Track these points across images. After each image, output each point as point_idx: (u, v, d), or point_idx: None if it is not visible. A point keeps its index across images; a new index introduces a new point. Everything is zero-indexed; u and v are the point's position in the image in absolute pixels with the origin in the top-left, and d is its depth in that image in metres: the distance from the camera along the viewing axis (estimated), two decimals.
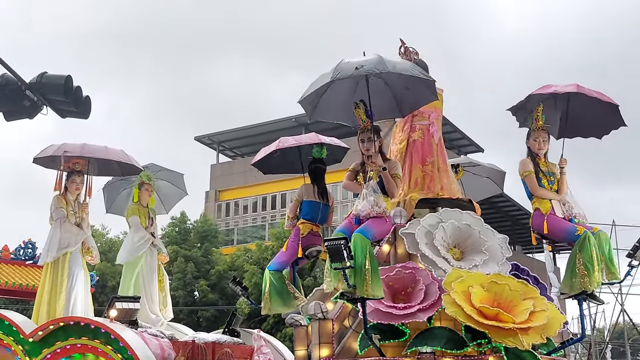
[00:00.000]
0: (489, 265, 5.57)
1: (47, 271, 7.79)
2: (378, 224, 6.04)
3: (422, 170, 6.45)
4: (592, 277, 5.82)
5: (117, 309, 6.86)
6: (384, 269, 5.81)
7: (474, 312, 4.95)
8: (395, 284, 5.64)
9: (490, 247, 5.70)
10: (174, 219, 31.71)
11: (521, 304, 5.03)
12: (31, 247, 16.33)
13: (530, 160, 6.48)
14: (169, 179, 9.50)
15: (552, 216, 6.28)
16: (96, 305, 8.81)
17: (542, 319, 4.93)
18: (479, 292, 5.08)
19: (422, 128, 6.68)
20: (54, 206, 7.90)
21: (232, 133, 42.21)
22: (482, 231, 5.81)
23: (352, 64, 5.76)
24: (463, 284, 5.14)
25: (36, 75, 7.59)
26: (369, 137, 6.26)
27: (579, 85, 6.33)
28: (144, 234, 8.69)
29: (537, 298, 5.13)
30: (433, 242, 5.67)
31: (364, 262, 5.54)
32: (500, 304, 5.05)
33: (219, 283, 29.60)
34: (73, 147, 7.92)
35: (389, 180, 6.16)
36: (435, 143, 6.66)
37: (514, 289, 5.15)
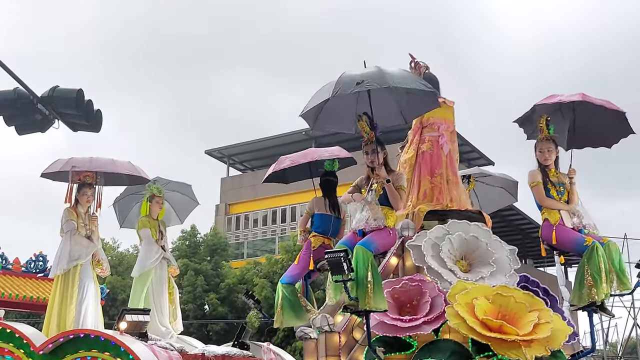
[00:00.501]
0: (497, 277, 5.54)
1: (58, 283, 7.81)
2: (381, 236, 6.01)
3: (431, 182, 6.44)
4: (599, 288, 5.76)
5: (127, 321, 6.87)
6: (390, 282, 5.82)
7: (477, 324, 4.91)
8: (402, 296, 5.64)
9: (498, 259, 5.67)
10: (184, 232, 31.77)
11: (526, 316, 4.99)
12: (42, 259, 16.42)
13: (539, 171, 6.46)
14: (179, 190, 9.54)
15: (561, 227, 6.24)
16: (107, 319, 8.85)
17: (546, 331, 4.88)
18: (483, 304, 5.05)
19: (431, 140, 6.67)
20: (64, 219, 7.93)
21: (242, 147, 42.34)
22: (489, 243, 5.78)
23: (353, 79, 5.75)
24: (467, 296, 5.12)
25: (48, 89, 7.68)
26: (372, 149, 6.25)
27: (585, 94, 6.29)
28: (155, 248, 8.72)
29: (542, 310, 5.08)
30: (439, 254, 5.65)
31: (366, 275, 5.52)
32: (505, 316, 5.02)
33: (229, 296, 29.59)
34: (81, 162, 7.96)
35: (393, 192, 6.12)
36: (445, 155, 6.63)
37: (519, 300, 5.11)
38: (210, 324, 29.30)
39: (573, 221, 6.24)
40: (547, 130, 6.44)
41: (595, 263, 5.84)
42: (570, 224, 6.23)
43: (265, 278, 27.57)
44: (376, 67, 5.92)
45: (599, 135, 6.75)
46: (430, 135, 6.74)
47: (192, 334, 19.63)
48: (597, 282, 5.78)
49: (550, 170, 6.45)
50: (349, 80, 5.75)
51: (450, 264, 5.64)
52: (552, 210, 6.31)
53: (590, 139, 6.79)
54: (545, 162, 6.46)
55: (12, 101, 7.47)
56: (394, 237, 6.16)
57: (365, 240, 5.91)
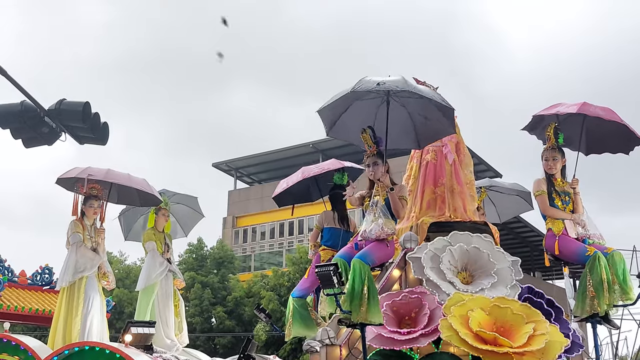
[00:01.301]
0: (498, 288, 5.48)
1: (63, 296, 7.82)
2: (379, 249, 5.99)
3: (434, 192, 6.40)
4: (601, 299, 5.70)
5: (132, 333, 6.87)
6: (390, 294, 5.80)
7: (470, 337, 4.85)
8: (401, 309, 5.60)
9: (500, 270, 5.61)
10: (191, 246, 31.80)
11: (523, 327, 4.93)
12: (48, 272, 16.41)
13: (544, 180, 6.42)
14: (185, 202, 9.57)
15: (564, 237, 6.19)
16: (113, 332, 8.84)
17: (541, 343, 4.79)
18: (478, 316, 5.00)
19: (435, 150, 6.63)
20: (70, 231, 7.94)
21: (250, 159, 42.42)
22: (491, 254, 5.72)
23: (374, 80, 5.79)
24: (463, 308, 5.07)
25: (55, 102, 7.70)
26: (374, 161, 6.26)
27: (585, 104, 6.27)
28: (161, 261, 8.73)
29: (538, 322, 5.00)
30: (439, 266, 5.60)
31: (362, 288, 5.51)
32: (501, 328, 4.96)
33: (236, 309, 29.54)
34: (97, 171, 8.00)
35: (396, 201, 6.12)
36: (450, 164, 6.57)
37: (516, 312, 5.05)
38: (217, 337, 29.25)
39: (577, 231, 6.18)
40: (554, 138, 6.41)
41: (597, 273, 5.78)
42: (574, 233, 6.18)
43: (272, 291, 27.53)
44: (400, 76, 5.97)
45: (614, 142, 6.71)
46: (434, 145, 6.69)
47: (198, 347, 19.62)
48: (599, 293, 5.71)
49: (556, 180, 6.41)
50: (369, 81, 5.80)
51: (450, 275, 5.58)
52: (556, 220, 6.27)
53: (606, 144, 6.77)
54: (551, 171, 6.42)
55: (19, 114, 7.50)
56: (392, 249, 6.14)
57: (362, 252, 5.89)
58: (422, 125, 6.59)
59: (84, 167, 8.12)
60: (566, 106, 6.34)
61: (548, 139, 6.44)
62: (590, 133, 6.57)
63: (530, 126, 6.70)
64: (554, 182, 6.39)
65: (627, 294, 5.84)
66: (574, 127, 6.50)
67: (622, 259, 5.98)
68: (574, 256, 6.16)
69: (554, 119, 6.47)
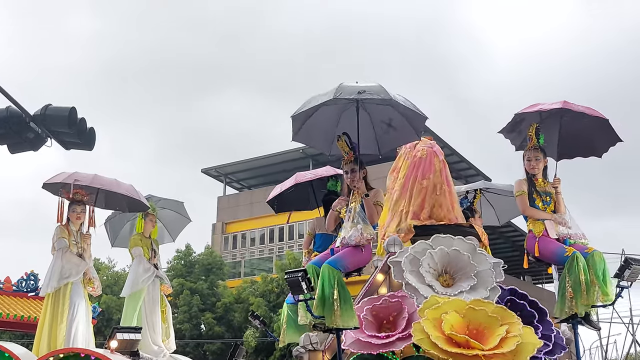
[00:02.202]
0: (478, 290, 5.46)
1: (48, 302, 7.76)
2: (352, 254, 5.98)
3: (421, 183, 6.35)
4: (579, 299, 5.66)
5: (118, 339, 6.84)
6: (371, 299, 5.80)
7: (441, 340, 4.84)
8: (381, 312, 5.60)
9: (480, 272, 5.59)
10: (179, 252, 31.71)
11: (498, 329, 4.91)
12: (33, 278, 16.35)
13: (525, 181, 6.39)
14: (171, 207, 9.54)
15: (544, 238, 6.16)
16: (101, 339, 8.79)
17: (512, 345, 4.76)
18: (452, 319, 4.98)
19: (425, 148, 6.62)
20: (56, 236, 7.89)
21: (239, 165, 42.37)
22: (472, 256, 5.69)
23: (356, 88, 5.79)
24: (437, 311, 5.06)
25: (40, 108, 7.68)
26: (352, 168, 6.24)
27: (566, 101, 6.24)
28: (147, 267, 8.69)
29: (512, 323, 4.97)
30: (419, 270, 5.60)
31: (332, 293, 5.54)
32: (474, 330, 4.94)
33: (226, 316, 29.49)
34: (84, 177, 7.91)
35: (370, 207, 6.10)
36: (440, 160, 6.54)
37: (492, 314, 5.02)
38: (207, 343, 29.16)
39: (559, 231, 6.14)
40: (536, 139, 6.39)
41: (575, 274, 5.74)
42: (554, 234, 6.14)
43: (261, 297, 27.50)
44: (378, 84, 5.97)
45: (588, 145, 6.67)
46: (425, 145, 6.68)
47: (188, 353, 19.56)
48: (577, 294, 5.67)
49: (537, 180, 6.38)
50: (350, 88, 5.81)
51: (429, 278, 5.56)
52: (537, 221, 6.25)
53: (579, 148, 6.73)
54: (533, 171, 6.39)
55: (4, 120, 7.47)
56: (367, 254, 6.11)
57: (334, 258, 5.92)
58: (383, 133, 6.61)
59: (71, 172, 8.08)
60: (548, 104, 6.29)
61: (530, 139, 6.41)
62: (565, 136, 6.52)
63: (509, 128, 6.65)
64: (535, 183, 6.36)
65: (606, 295, 5.78)
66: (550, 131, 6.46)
67: (602, 258, 5.90)
68: (553, 257, 6.13)
69: (536, 118, 6.44)
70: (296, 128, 6.48)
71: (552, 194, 6.33)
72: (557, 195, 6.32)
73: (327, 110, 6.23)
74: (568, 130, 6.47)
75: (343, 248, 6.01)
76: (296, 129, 6.49)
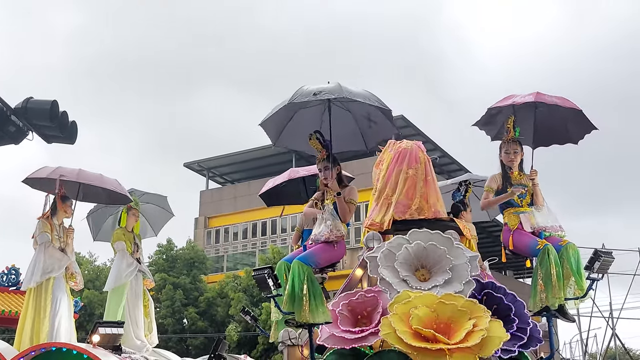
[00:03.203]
0: (453, 284, 5.44)
1: (30, 296, 7.73)
2: (324, 250, 6.04)
3: (406, 172, 6.33)
4: (550, 292, 5.63)
5: (100, 334, 6.83)
6: (348, 294, 5.82)
7: (407, 334, 4.86)
8: (357, 307, 5.62)
9: (456, 266, 5.56)
10: (161, 247, 31.57)
11: (466, 323, 4.91)
12: (15, 273, 16.21)
13: (499, 176, 6.37)
14: (154, 202, 9.53)
15: (518, 231, 6.14)
16: (83, 334, 8.78)
17: (476, 339, 4.76)
18: (421, 313, 4.99)
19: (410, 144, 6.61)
20: (38, 230, 7.86)
21: (222, 159, 42.17)
22: (449, 250, 5.67)
23: (311, 90, 5.89)
24: (406, 306, 5.08)
25: (21, 101, 7.60)
26: (325, 166, 6.29)
27: (539, 93, 6.22)
28: (130, 261, 8.68)
29: (480, 317, 4.96)
30: (394, 265, 5.62)
31: (301, 288, 5.61)
32: (442, 325, 4.96)
33: (209, 310, 29.44)
34: (69, 172, 7.93)
35: (343, 205, 6.18)
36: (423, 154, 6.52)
37: (461, 308, 5.03)
38: (190, 338, 29.11)
39: (536, 223, 6.11)
40: (513, 131, 6.36)
41: (546, 266, 5.72)
42: (529, 227, 6.12)
43: (244, 292, 27.49)
44: (336, 83, 6.05)
45: (564, 132, 6.65)
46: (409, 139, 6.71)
47: (171, 348, 19.49)
48: (547, 286, 5.65)
49: (513, 173, 6.37)
50: (306, 91, 5.90)
51: (404, 273, 5.55)
52: (512, 214, 6.23)
53: (555, 136, 6.70)
54: (511, 164, 6.37)
55: None
56: (340, 250, 6.16)
57: (305, 254, 5.98)
58: (367, 128, 6.67)
59: (54, 167, 8.04)
60: (521, 96, 6.28)
61: (507, 132, 6.38)
62: (540, 126, 6.50)
63: (484, 121, 6.63)
64: (510, 176, 6.34)
65: (581, 288, 5.76)
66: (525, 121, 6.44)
67: (576, 251, 5.87)
68: (527, 250, 6.09)
69: (510, 111, 6.41)
70: (273, 134, 6.62)
71: (529, 186, 6.29)
72: (534, 187, 6.28)
73: (307, 113, 6.32)
74: (543, 120, 6.45)
75: (315, 244, 6.09)
76: (274, 135, 6.64)
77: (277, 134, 6.67)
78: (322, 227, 6.03)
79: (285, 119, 6.50)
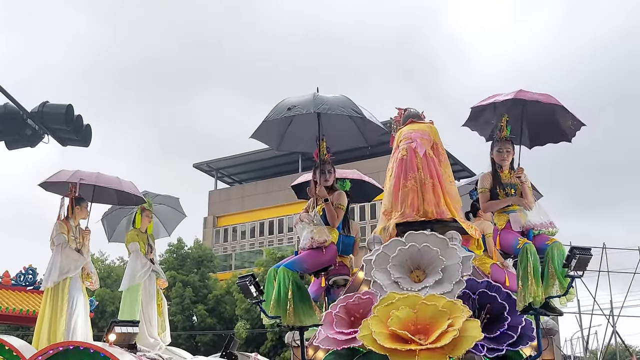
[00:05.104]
0: (443, 285, 5.43)
1: (48, 296, 7.76)
2: (312, 256, 6.22)
3: (405, 186, 6.30)
4: (527, 290, 5.50)
5: (116, 333, 6.83)
6: (346, 296, 5.86)
7: (382, 335, 4.90)
8: (353, 309, 5.66)
9: (448, 266, 5.53)
10: (171, 245, 31.65)
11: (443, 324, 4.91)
12: (32, 273, 16.27)
13: (489, 175, 6.28)
14: (167, 203, 9.55)
15: (505, 230, 6.05)
16: (96, 331, 8.80)
17: (448, 339, 4.76)
18: (401, 315, 5.02)
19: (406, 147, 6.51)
20: (55, 232, 7.89)
21: (230, 160, 42.28)
22: (442, 251, 5.62)
23: (286, 105, 6.18)
24: (387, 308, 5.11)
25: (38, 105, 7.63)
26: (328, 170, 6.55)
27: (521, 91, 6.10)
28: (144, 262, 8.71)
29: (457, 317, 4.94)
30: (387, 267, 5.61)
31: (286, 293, 5.84)
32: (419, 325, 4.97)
33: (217, 307, 29.48)
34: (88, 176, 8.03)
35: (330, 210, 6.37)
36: (420, 157, 6.40)
37: (442, 309, 5.01)
38: (199, 335, 29.14)
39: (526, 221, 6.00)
40: (506, 130, 6.26)
41: (524, 265, 5.63)
42: (518, 227, 6.01)
43: None
44: (312, 94, 6.28)
45: (557, 130, 6.51)
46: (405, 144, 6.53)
47: (180, 345, 19.51)
48: (525, 285, 5.53)
49: (504, 172, 6.26)
50: (282, 106, 6.21)
51: (397, 275, 5.56)
52: (501, 214, 6.15)
53: (549, 134, 6.60)
54: (502, 163, 6.26)
55: (2, 117, 7.41)
56: (328, 255, 6.30)
57: (292, 261, 6.21)
58: (363, 124, 6.78)
59: (72, 171, 8.09)
60: (503, 95, 6.17)
61: (500, 130, 6.28)
62: (532, 125, 6.42)
63: (472, 121, 6.54)
64: (500, 175, 6.24)
65: (561, 285, 5.64)
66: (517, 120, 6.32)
67: (562, 250, 5.71)
68: (511, 249, 5.98)
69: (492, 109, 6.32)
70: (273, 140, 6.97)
71: (517, 185, 6.17)
72: (522, 186, 6.15)
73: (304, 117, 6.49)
74: (533, 118, 6.36)
75: (303, 251, 6.29)
76: (275, 141, 6.98)
77: (278, 140, 6.98)
78: (305, 234, 6.25)
79: (285, 125, 6.77)
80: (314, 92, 6.34)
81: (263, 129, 6.53)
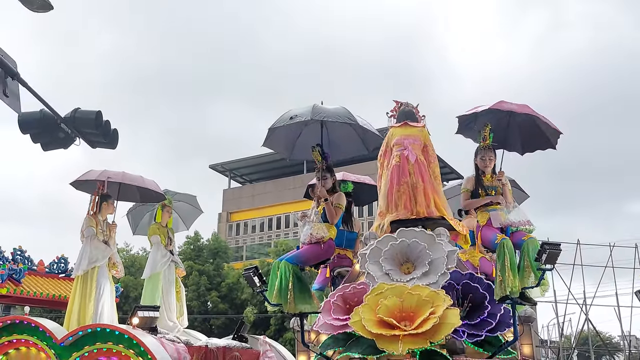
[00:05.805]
0: (429, 276, 5.44)
1: (78, 283, 7.78)
2: (311, 250, 6.33)
3: (398, 190, 6.28)
4: (505, 282, 5.45)
5: (139, 317, 6.85)
6: (343, 287, 5.84)
7: (371, 322, 4.93)
8: (349, 299, 5.65)
9: (434, 260, 5.55)
10: (189, 238, 31.67)
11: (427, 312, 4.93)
12: (64, 262, 16.29)
13: (473, 178, 6.29)
14: (185, 200, 9.57)
15: (485, 227, 6.04)
16: (121, 314, 8.80)
17: (428, 326, 4.80)
18: (389, 303, 5.05)
19: (398, 154, 6.49)
20: (85, 225, 7.92)
21: (243, 162, 42.38)
22: (429, 246, 5.64)
23: (289, 114, 6.30)
24: (377, 297, 5.15)
25: (70, 111, 7.64)
26: (324, 176, 6.60)
27: (501, 102, 6.08)
28: (164, 252, 8.74)
29: (438, 306, 4.97)
30: (379, 260, 5.62)
31: (287, 284, 6.00)
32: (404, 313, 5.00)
33: (229, 294, 29.48)
34: (115, 174, 8.08)
35: (329, 209, 6.44)
36: (411, 164, 6.39)
37: (425, 298, 5.06)
38: (212, 318, 29.15)
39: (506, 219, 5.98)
40: (489, 138, 6.26)
41: (501, 259, 5.55)
42: (498, 224, 5.99)
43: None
44: (312, 105, 6.39)
45: (542, 138, 6.50)
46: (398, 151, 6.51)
47: (196, 327, 19.50)
48: (504, 277, 5.50)
49: (486, 176, 6.28)
50: (285, 117, 6.34)
51: (388, 267, 5.58)
52: (483, 212, 6.15)
53: (536, 142, 6.58)
54: (485, 169, 6.27)
55: (38, 121, 7.41)
56: (326, 249, 6.39)
57: (293, 255, 6.33)
58: (363, 132, 6.80)
59: (100, 170, 8.13)
60: (484, 106, 6.18)
61: (484, 139, 6.29)
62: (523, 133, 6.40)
63: (463, 129, 6.55)
64: (482, 179, 6.25)
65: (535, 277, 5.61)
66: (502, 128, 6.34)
67: (536, 245, 5.65)
68: (490, 244, 5.97)
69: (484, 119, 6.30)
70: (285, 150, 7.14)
71: (498, 187, 6.19)
72: (503, 188, 6.19)
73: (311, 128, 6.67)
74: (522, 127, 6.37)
75: (304, 246, 6.39)
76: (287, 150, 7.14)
77: (289, 149, 7.11)
78: (305, 230, 6.37)
79: (295, 135, 6.87)
80: (314, 103, 6.44)
81: (274, 138, 6.63)
